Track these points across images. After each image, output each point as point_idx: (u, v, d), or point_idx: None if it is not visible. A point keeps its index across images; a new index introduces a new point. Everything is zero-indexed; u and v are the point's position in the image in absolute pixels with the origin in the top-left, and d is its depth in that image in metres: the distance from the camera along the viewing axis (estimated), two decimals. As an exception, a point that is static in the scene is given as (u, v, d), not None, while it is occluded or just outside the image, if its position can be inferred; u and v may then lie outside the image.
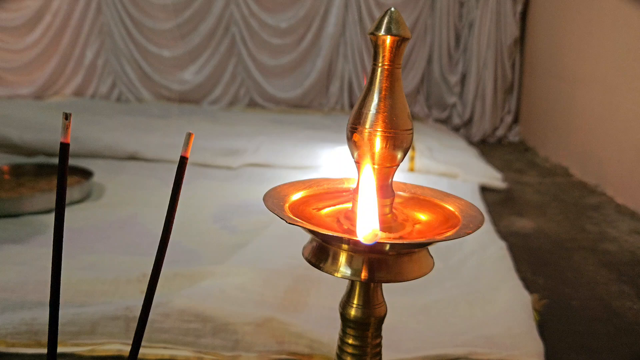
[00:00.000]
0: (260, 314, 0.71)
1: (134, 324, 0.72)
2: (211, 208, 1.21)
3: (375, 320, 0.39)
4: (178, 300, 0.72)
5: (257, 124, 2.01)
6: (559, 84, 1.87)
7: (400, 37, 0.35)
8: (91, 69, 2.46)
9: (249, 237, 1.04)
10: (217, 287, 0.77)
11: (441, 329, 0.73)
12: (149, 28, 2.42)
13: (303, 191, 0.41)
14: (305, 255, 0.38)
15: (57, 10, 2.41)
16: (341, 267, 0.35)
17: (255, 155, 1.58)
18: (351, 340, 0.40)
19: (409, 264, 0.36)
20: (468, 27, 2.22)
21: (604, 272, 1.00)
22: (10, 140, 1.59)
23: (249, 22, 2.39)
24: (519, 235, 1.16)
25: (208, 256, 0.96)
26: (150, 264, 0.85)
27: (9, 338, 0.71)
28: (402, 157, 0.37)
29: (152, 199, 1.27)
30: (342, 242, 0.34)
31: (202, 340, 0.70)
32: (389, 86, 0.36)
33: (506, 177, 1.58)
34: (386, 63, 0.35)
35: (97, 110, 2.12)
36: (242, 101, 2.44)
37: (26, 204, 1.14)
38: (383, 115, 0.35)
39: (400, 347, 0.69)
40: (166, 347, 0.70)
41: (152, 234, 1.06)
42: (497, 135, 2.20)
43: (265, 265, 0.86)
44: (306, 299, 0.78)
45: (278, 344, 0.69)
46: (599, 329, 0.81)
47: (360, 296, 0.39)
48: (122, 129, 1.77)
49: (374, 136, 0.35)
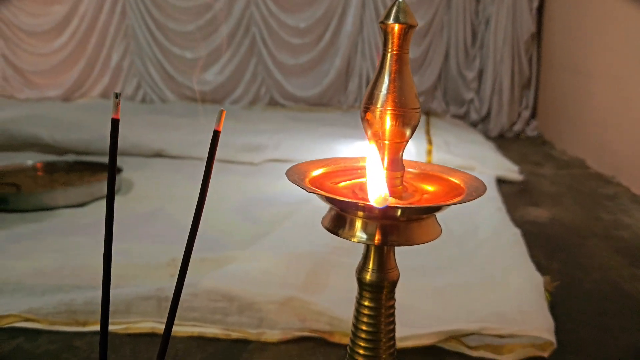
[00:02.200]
0: (283, 293, 0.75)
1: (165, 303, 0.77)
2: (234, 201, 1.26)
3: (389, 284, 0.43)
4: (206, 281, 0.77)
5: (277, 122, 2.06)
6: (574, 78, 1.88)
7: (408, 25, 0.39)
8: (117, 71, 2.54)
9: (271, 227, 1.08)
10: (241, 270, 0.82)
11: (454, 309, 0.76)
12: (172, 30, 2.49)
13: (322, 168, 0.45)
14: (325, 224, 0.42)
15: (84, 15, 2.50)
16: (357, 233, 0.39)
17: (276, 151, 1.63)
18: (367, 303, 0.44)
19: (418, 229, 0.40)
20: (484, 23, 2.24)
21: (617, 257, 1.02)
22: (42, 139, 1.67)
23: (269, 23, 2.44)
24: (534, 224, 1.18)
25: (232, 244, 1.00)
26: (177, 252, 0.91)
27: (49, 317, 0.76)
28: (410, 133, 0.41)
29: (177, 193, 1.32)
30: (357, 208, 0.38)
31: (229, 319, 0.75)
32: (398, 69, 0.40)
33: (522, 170, 1.61)
34: (395, 49, 0.39)
35: (123, 110, 2.17)
36: (263, 100, 2.50)
37: (59, 198, 1.21)
38: (393, 96, 0.39)
39: (415, 325, 0.72)
40: (195, 325, 0.75)
41: (178, 224, 1.11)
42: (514, 130, 2.22)
43: (286, 251, 0.90)
44: (326, 281, 0.83)
45: (300, 322, 0.74)
46: (610, 308, 0.83)
47: (375, 261, 0.43)
48: (147, 128, 1.84)
49: (385, 114, 0.39)
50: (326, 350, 0.71)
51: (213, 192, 0.41)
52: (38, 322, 0.76)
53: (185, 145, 1.68)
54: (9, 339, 0.72)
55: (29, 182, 1.33)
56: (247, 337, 0.73)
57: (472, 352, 0.71)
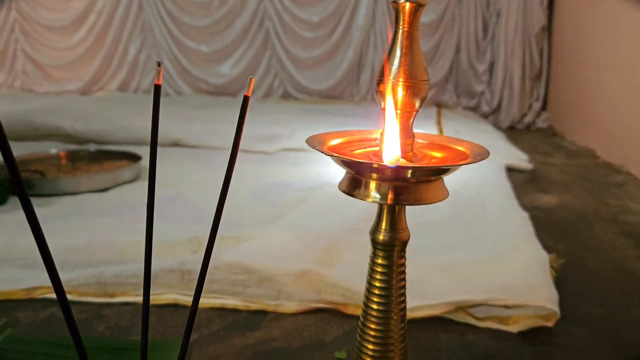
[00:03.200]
0: (299, 267, 0.80)
1: (188, 276, 0.81)
2: (251, 187, 1.30)
3: (400, 243, 0.47)
4: (226, 255, 0.81)
5: (291, 113, 2.10)
6: (584, 69, 1.90)
7: (417, 4, 0.42)
8: (134, 64, 2.59)
9: (286, 210, 1.13)
10: (260, 246, 0.86)
11: (464, 283, 0.80)
12: (188, 25, 2.54)
13: (339, 139, 0.49)
14: (342, 188, 0.46)
15: (101, 10, 2.56)
16: (372, 193, 0.43)
17: (290, 140, 1.67)
18: (380, 261, 0.47)
19: (427, 190, 0.43)
20: (495, 16, 2.26)
21: (622, 240, 1.05)
22: (64, 130, 1.72)
23: (282, 17, 2.48)
24: (542, 209, 1.21)
25: (250, 225, 1.04)
26: (196, 231, 0.95)
27: (80, 289, 0.81)
28: (420, 104, 0.44)
29: (194, 179, 1.37)
30: (372, 170, 0.42)
31: (248, 290, 0.79)
32: (409, 45, 0.43)
33: (533, 159, 1.63)
34: (406, 26, 0.43)
35: (141, 103, 2.25)
36: (277, 93, 2.54)
37: (83, 183, 1.26)
38: (404, 69, 0.43)
39: (426, 297, 0.76)
40: (217, 297, 0.79)
41: (197, 207, 1.16)
42: (525, 122, 2.24)
43: (302, 231, 0.94)
44: (340, 257, 0.87)
45: (316, 294, 0.78)
46: (613, 286, 0.86)
47: (387, 221, 0.46)
48: (165, 119, 1.88)
49: (397, 86, 0.43)
50: (340, 321, 0.75)
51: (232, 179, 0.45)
52: (69, 294, 0.80)
53: (201, 135, 1.73)
54: (43, 308, 0.77)
55: (53, 169, 1.39)
56: (265, 308, 0.78)
57: (479, 322, 0.74)
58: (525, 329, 0.72)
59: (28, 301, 0.79)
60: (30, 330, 0.72)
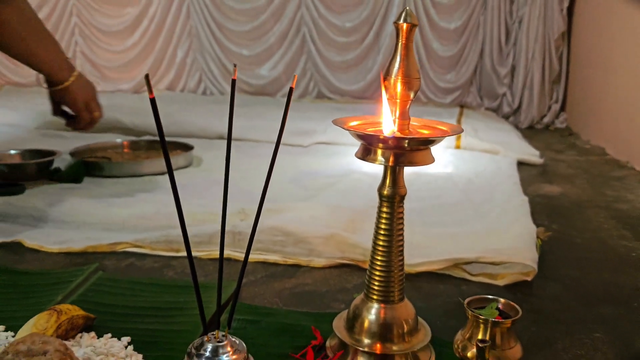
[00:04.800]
0: (328, 231, 0.98)
1: (238, 236, 1.00)
2: (288, 174, 1.49)
3: (399, 197, 0.64)
4: (269, 221, 1.00)
5: (324, 111, 2.29)
6: (600, 73, 2.03)
7: (412, 24, 0.60)
8: (181, 66, 2.83)
9: (318, 192, 1.31)
10: (296, 215, 1.05)
11: (461, 247, 0.97)
12: (231, 30, 2.75)
13: (357, 121, 0.67)
14: (357, 155, 0.63)
15: (153, 16, 2.79)
16: (378, 157, 0.61)
17: (324, 135, 1.86)
18: (384, 209, 0.65)
19: (419, 156, 0.61)
20: (518, 23, 2.41)
21: (610, 222, 1.20)
22: (124, 123, 1.94)
23: (318, 23, 2.67)
24: (544, 197, 1.37)
25: (288, 202, 1.23)
26: (243, 205, 1.13)
27: (152, 245, 1.00)
28: (413, 95, 0.62)
29: (237, 166, 1.56)
30: (378, 140, 0.59)
31: (286, 249, 0.98)
32: (405, 53, 0.61)
33: (545, 156, 1.78)
34: (403, 40, 0.61)
35: (188, 101, 2.47)
36: (312, 93, 2.74)
37: (145, 167, 1.46)
38: (402, 70, 0.61)
39: (428, 257, 0.93)
40: (261, 253, 0.98)
41: (241, 188, 1.34)
42: (544, 122, 2.38)
43: (331, 205, 1.13)
44: (361, 225, 1.05)
45: (340, 252, 0.96)
46: (592, 257, 1.02)
47: (390, 179, 0.64)
48: (211, 115, 2.10)
49: (397, 81, 0.61)
50: (359, 273, 0.93)
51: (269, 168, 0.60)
52: (143, 248, 1.00)
53: (243, 129, 1.92)
54: (124, 259, 0.97)
55: (116, 156, 1.60)
56: (299, 263, 0.96)
57: (473, 277, 0.91)
58: (510, 283, 0.89)
59: (112, 253, 0.99)
60: (115, 274, 0.92)
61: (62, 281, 0.85)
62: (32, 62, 1.29)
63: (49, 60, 1.30)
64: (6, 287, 0.83)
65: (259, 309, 0.79)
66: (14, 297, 0.80)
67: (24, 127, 1.98)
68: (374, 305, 0.65)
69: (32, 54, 1.27)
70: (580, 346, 0.71)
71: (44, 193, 1.23)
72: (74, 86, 1.34)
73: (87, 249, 0.99)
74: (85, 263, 0.93)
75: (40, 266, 0.93)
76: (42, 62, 1.30)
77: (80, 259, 0.96)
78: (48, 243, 1.01)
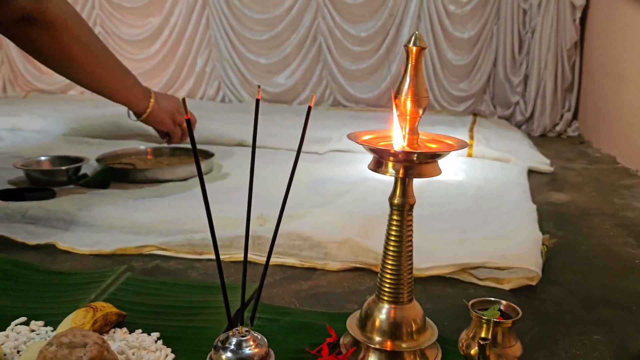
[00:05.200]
0: (342, 236, 1.03)
1: (258, 240, 1.06)
2: (305, 181, 1.54)
3: (409, 205, 0.69)
4: (287, 227, 1.06)
5: (340, 119, 2.34)
6: (612, 82, 2.07)
7: (420, 47, 0.65)
8: (201, 74, 2.90)
9: (334, 198, 1.37)
10: (312, 221, 1.11)
11: (469, 253, 1.02)
12: (249, 39, 2.82)
13: (369, 135, 0.73)
14: (370, 167, 0.69)
15: (174, 26, 2.88)
16: (389, 170, 0.66)
17: (339, 143, 1.91)
18: (395, 217, 0.70)
19: (427, 168, 0.66)
20: (530, 33, 2.44)
21: (616, 230, 1.24)
22: (146, 130, 2.01)
23: (334, 33, 2.74)
24: (552, 204, 1.41)
25: (304, 208, 1.29)
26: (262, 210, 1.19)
27: (176, 248, 1.06)
28: (422, 111, 0.67)
29: (256, 173, 1.62)
30: (389, 154, 0.65)
31: (302, 253, 1.03)
32: (415, 73, 0.66)
33: (555, 164, 1.82)
34: (413, 62, 0.66)
35: (208, 108, 2.54)
36: (327, 101, 2.80)
37: (167, 174, 1.53)
38: (411, 89, 0.66)
39: (437, 261, 0.98)
40: (279, 257, 1.04)
41: (259, 194, 1.40)
42: (556, 130, 2.41)
43: (346, 211, 1.18)
44: (374, 231, 1.10)
45: (354, 256, 1.01)
46: (596, 262, 1.06)
47: (400, 190, 0.69)
48: (229, 123, 2.16)
49: (407, 99, 0.66)
50: (371, 277, 0.98)
51: (287, 174, 0.66)
52: (168, 251, 1.06)
53: (260, 137, 1.98)
54: (150, 260, 1.04)
55: (140, 162, 1.67)
56: (315, 266, 1.01)
57: (480, 282, 0.96)
58: (515, 287, 0.94)
59: (139, 255, 1.06)
60: (142, 274, 0.98)
61: (94, 281, 0.91)
62: (110, 94, 1.42)
63: (126, 93, 1.43)
64: (43, 286, 0.90)
65: (277, 308, 0.84)
66: (51, 295, 0.87)
67: (51, 133, 2.06)
68: (384, 305, 0.70)
69: (107, 86, 1.38)
70: (580, 347, 0.76)
71: (73, 198, 1.30)
72: (155, 111, 1.47)
73: (116, 251, 1.06)
74: (114, 264, 1.00)
75: (72, 267, 1.00)
76: (119, 94, 1.42)
77: (109, 261, 1.03)
78: (79, 245, 1.07)
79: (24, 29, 1.19)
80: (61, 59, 1.29)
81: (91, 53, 1.32)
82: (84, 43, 1.29)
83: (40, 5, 1.17)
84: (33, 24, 1.18)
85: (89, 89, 1.41)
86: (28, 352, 0.64)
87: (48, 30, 1.20)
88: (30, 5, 1.15)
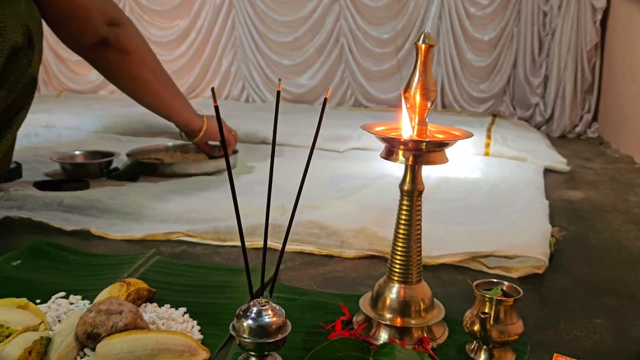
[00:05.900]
0: (358, 225, 1.09)
1: (278, 229, 1.12)
2: (325, 177, 1.60)
3: (418, 192, 0.74)
4: (306, 216, 1.12)
5: (360, 119, 2.39)
6: (631, 84, 2.08)
7: (429, 45, 0.70)
8: (226, 75, 2.98)
9: (352, 192, 1.42)
10: (330, 211, 1.16)
11: (480, 243, 1.06)
12: (273, 41, 2.90)
13: (382, 127, 0.78)
14: (382, 155, 0.74)
15: (201, 28, 2.96)
16: (400, 157, 0.71)
17: (358, 141, 1.96)
18: (405, 202, 0.75)
19: (434, 156, 0.71)
20: (551, 34, 2.47)
21: (628, 225, 1.27)
22: (173, 128, 2.09)
23: (356, 34, 2.79)
24: (567, 201, 1.44)
25: (324, 201, 1.34)
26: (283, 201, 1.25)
27: (202, 235, 1.13)
28: (431, 104, 0.72)
29: (279, 169, 1.68)
30: (400, 143, 0.70)
31: (320, 241, 1.09)
32: (424, 69, 0.71)
33: (572, 163, 1.84)
34: (422, 58, 0.71)
35: (232, 108, 2.62)
36: (349, 102, 2.85)
37: (194, 168, 1.60)
38: (420, 83, 0.71)
39: (448, 249, 1.03)
40: (298, 244, 1.09)
41: (281, 187, 1.46)
42: (576, 131, 2.43)
43: (362, 203, 1.24)
44: (389, 221, 1.14)
45: (369, 245, 1.07)
46: (605, 255, 1.09)
47: (410, 176, 0.74)
48: (253, 122, 2.23)
49: (416, 93, 0.71)
50: (385, 264, 1.02)
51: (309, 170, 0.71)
52: (194, 237, 1.13)
53: (283, 135, 2.04)
54: (177, 246, 1.10)
55: (167, 157, 1.74)
56: (332, 254, 1.07)
57: (490, 270, 1.00)
58: (523, 275, 0.98)
59: (167, 241, 1.12)
60: (170, 258, 1.05)
61: (126, 262, 0.98)
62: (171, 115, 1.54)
63: (185, 114, 1.56)
64: (79, 266, 0.97)
65: (295, 289, 0.90)
66: (86, 274, 0.94)
67: (84, 130, 2.15)
68: (395, 285, 0.75)
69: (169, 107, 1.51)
70: (581, 329, 0.80)
71: (105, 189, 1.37)
72: (210, 128, 1.58)
73: (146, 237, 1.13)
74: (144, 249, 1.07)
75: (105, 250, 1.07)
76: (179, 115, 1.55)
77: (139, 246, 1.10)
78: (112, 231, 1.15)
79: (102, 52, 1.36)
80: (131, 80, 1.45)
81: (157, 76, 1.46)
82: (151, 67, 1.44)
83: (117, 31, 1.34)
84: (109, 48, 1.35)
85: (152, 109, 1.54)
86: (69, 319, 0.70)
87: (122, 54, 1.37)
88: (108, 31, 1.32)
